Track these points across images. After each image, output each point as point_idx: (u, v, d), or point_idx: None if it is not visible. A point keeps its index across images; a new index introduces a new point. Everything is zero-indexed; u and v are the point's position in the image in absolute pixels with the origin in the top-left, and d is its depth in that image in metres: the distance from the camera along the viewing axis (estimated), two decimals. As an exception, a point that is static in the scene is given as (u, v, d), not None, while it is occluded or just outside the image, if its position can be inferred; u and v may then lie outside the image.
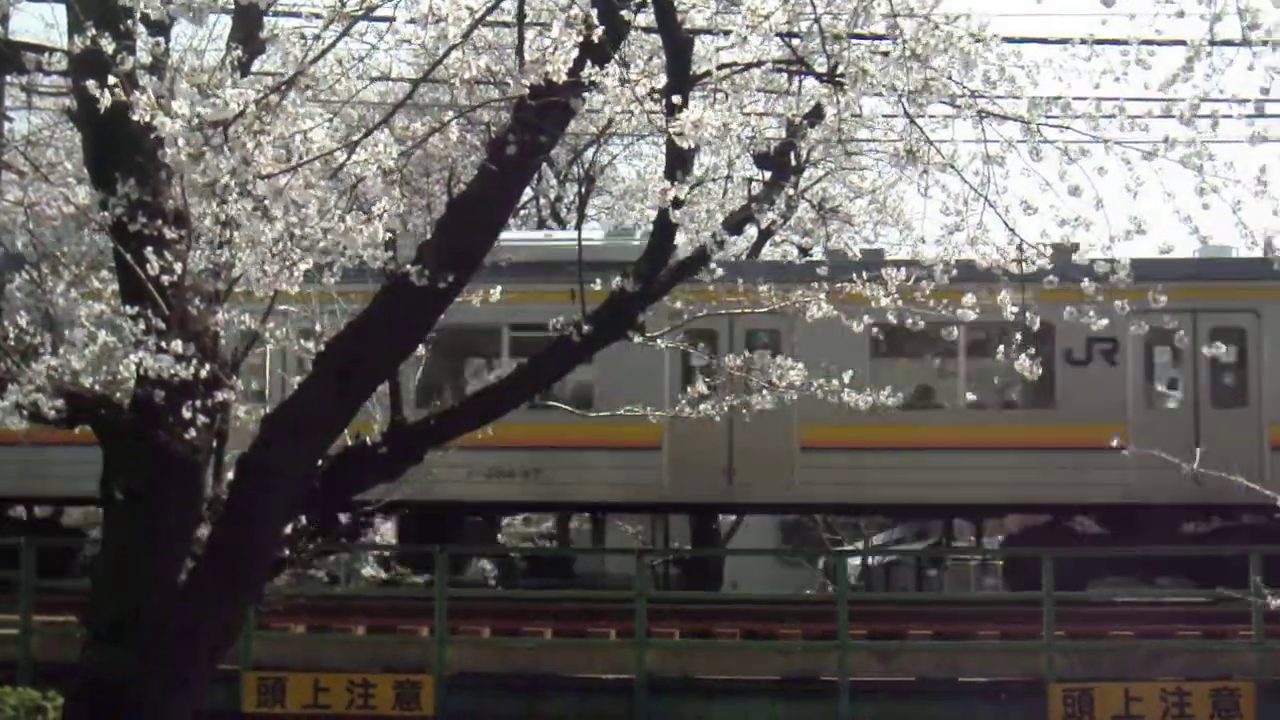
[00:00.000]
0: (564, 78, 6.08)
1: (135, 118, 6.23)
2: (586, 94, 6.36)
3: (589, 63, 6.18)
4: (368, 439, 9.29)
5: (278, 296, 8.53)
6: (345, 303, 9.29)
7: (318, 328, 9.26)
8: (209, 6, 6.25)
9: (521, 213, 30.45)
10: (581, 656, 17.32)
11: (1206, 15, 6.69)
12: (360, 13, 6.24)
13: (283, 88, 5.86)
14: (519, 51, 6.32)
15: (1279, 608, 9.18)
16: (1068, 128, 7.12)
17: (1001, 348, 7.96)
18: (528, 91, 6.17)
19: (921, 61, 6.69)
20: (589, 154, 30.25)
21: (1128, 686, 16.07)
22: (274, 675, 16.34)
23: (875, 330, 9.30)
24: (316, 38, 6.07)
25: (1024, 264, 7.56)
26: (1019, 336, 7.67)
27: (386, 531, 25.04)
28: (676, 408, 10.32)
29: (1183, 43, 6.89)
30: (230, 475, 9.04)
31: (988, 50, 7.01)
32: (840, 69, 6.94)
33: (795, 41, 7.59)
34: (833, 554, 17.44)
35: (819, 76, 7.07)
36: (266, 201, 6.35)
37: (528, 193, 28.68)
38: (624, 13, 6.18)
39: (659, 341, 9.76)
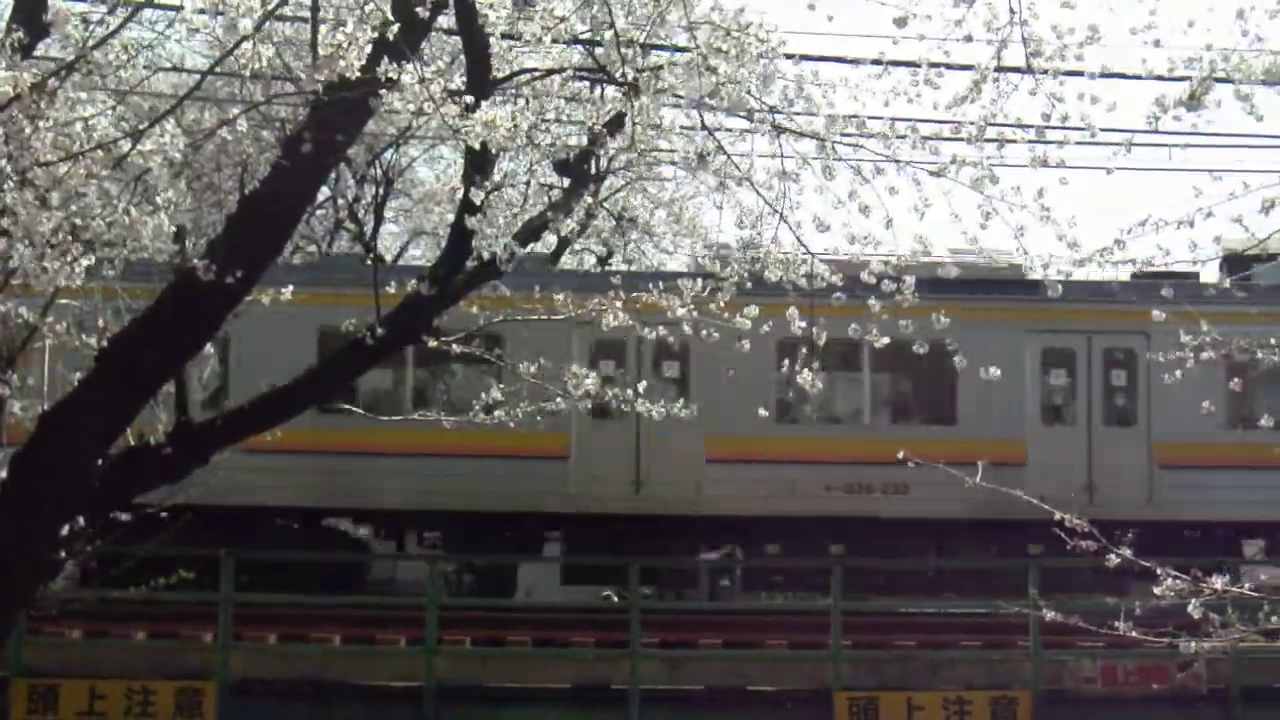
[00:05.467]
0: (358, 75, 5.99)
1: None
2: (384, 93, 6.26)
3: (384, 60, 6.10)
4: (151, 439, 9.03)
5: (59, 290, 8.24)
6: (130, 298, 9.03)
7: (100, 323, 8.98)
8: None
9: (319, 213, 30.00)
10: (369, 664, 17.08)
11: (993, 41, 6.88)
12: (145, -1, 6.07)
13: (62, 72, 5.66)
14: (312, 46, 6.20)
15: (1053, 619, 9.50)
16: (861, 146, 7.25)
17: None
18: (321, 88, 6.06)
19: (711, 70, 6.75)
20: (388, 155, 29.91)
21: (911, 695, 16.44)
22: (46, 682, 15.75)
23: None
24: (100, 22, 5.87)
25: (813, 279, 7.70)
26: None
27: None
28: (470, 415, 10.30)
29: (971, 67, 7.08)
30: (3, 474, 8.71)
31: (773, 61, 7.11)
32: (634, 75, 6.96)
33: (599, 51, 7.59)
34: (626, 564, 17.43)
35: (617, 84, 7.09)
36: (45, 191, 6.11)
37: (325, 192, 28.26)
38: (419, 10, 6.10)
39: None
